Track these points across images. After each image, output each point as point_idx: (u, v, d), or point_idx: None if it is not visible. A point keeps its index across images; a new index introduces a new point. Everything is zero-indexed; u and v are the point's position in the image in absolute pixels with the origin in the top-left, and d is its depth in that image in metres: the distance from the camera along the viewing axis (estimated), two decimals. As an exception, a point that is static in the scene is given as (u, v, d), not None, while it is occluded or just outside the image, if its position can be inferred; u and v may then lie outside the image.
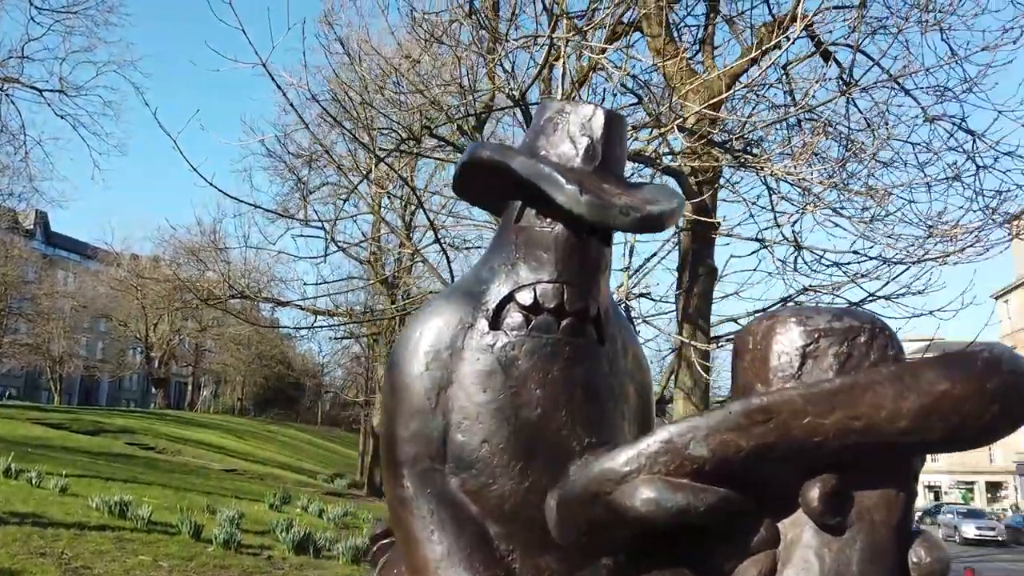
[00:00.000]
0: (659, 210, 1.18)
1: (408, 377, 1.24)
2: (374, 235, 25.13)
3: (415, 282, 24.63)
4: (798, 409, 0.84)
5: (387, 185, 16.58)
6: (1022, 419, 0.85)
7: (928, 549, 0.91)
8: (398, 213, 23.47)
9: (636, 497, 0.88)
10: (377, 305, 28.21)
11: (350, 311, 27.59)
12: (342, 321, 28.81)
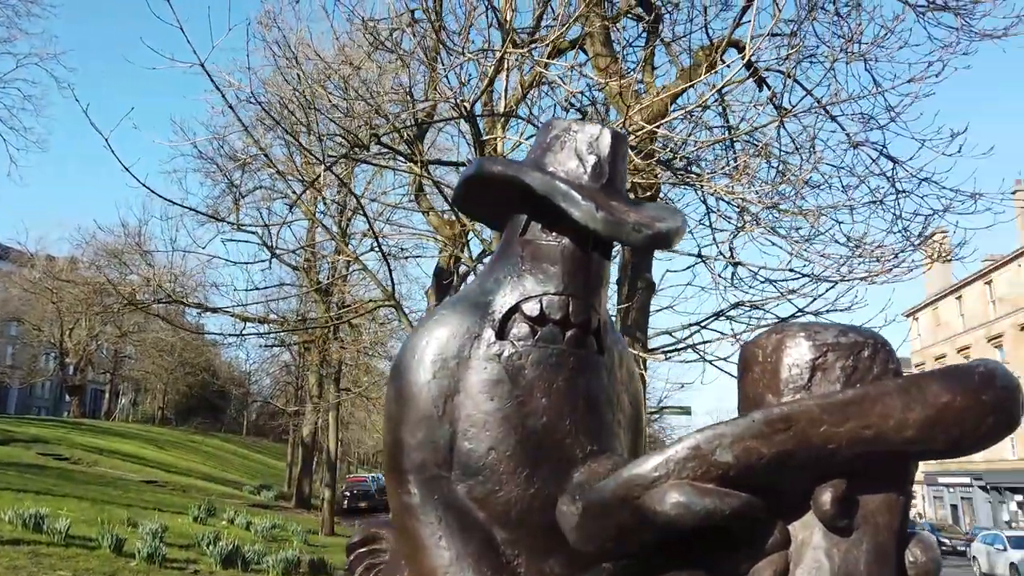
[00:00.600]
0: (667, 228, 1.23)
1: (415, 386, 1.25)
2: (309, 241, 24.70)
3: (351, 290, 24.29)
4: (815, 418, 0.91)
5: (324, 191, 16.33)
6: (1012, 429, 0.93)
7: (923, 550, 0.98)
8: (334, 219, 23.13)
9: (665, 501, 0.92)
10: (310, 313, 27.69)
11: (282, 319, 26.98)
12: (274, 329, 28.10)
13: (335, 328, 23.42)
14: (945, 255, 10.33)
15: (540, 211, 1.28)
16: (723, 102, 9.53)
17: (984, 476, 43.08)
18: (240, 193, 23.40)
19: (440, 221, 16.19)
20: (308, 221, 25.11)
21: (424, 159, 8.84)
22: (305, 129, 9.87)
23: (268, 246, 23.58)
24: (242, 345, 53.60)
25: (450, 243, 14.24)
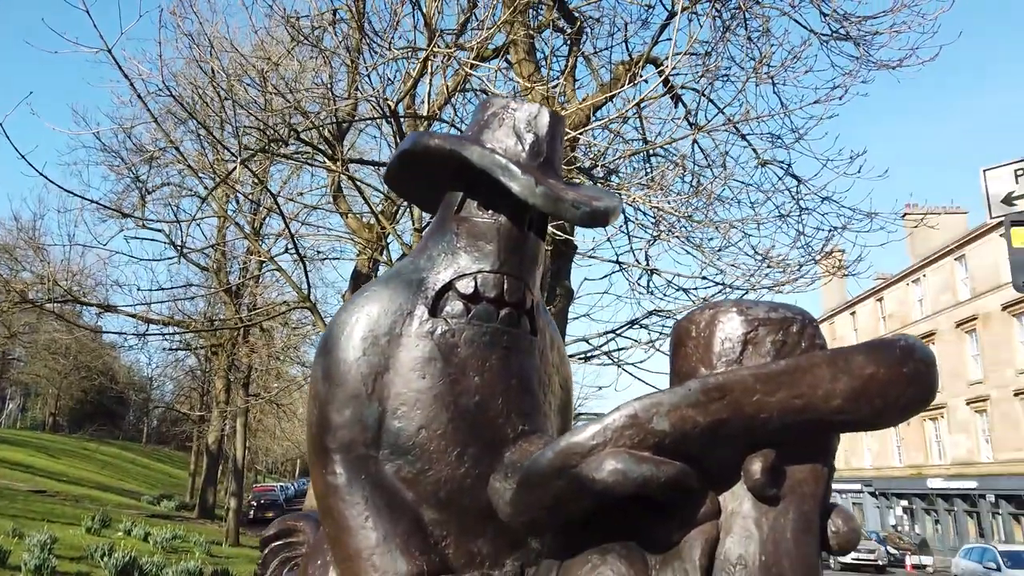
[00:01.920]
0: (605, 206, 1.24)
1: (343, 363, 1.20)
2: (219, 240, 23.85)
3: (263, 292, 23.56)
4: (749, 387, 0.93)
5: (237, 187, 15.81)
6: (928, 401, 0.99)
7: (844, 520, 1.02)
8: (247, 218, 22.44)
9: (603, 468, 0.92)
10: (218, 315, 26.69)
11: (188, 320, 25.90)
12: (179, 330, 26.94)
13: (245, 331, 22.66)
14: (842, 270, 10.91)
15: (476, 187, 1.27)
16: (641, 116, 9.78)
17: (874, 483, 45.54)
18: (147, 189, 22.40)
19: (359, 224, 15.94)
20: (218, 220, 24.27)
21: (345, 158, 8.69)
22: (219, 123, 9.55)
23: (175, 244, 22.65)
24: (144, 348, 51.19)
25: (369, 246, 14.03)
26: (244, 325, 17.80)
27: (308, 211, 17.65)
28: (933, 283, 39.97)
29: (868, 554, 30.56)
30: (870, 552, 30.64)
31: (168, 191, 24.67)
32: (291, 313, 15.98)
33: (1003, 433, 34.26)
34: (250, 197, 12.79)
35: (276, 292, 25.39)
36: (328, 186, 17.73)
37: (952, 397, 37.91)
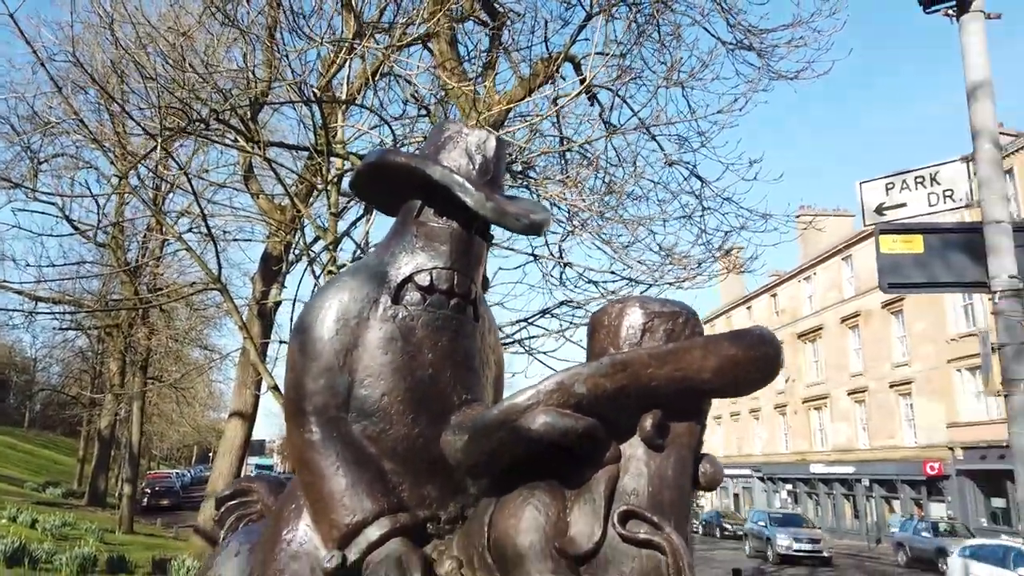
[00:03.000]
0: (539, 219, 1.51)
1: (319, 341, 1.42)
2: (118, 216, 22.84)
3: (164, 272, 22.71)
4: (645, 363, 1.21)
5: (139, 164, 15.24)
6: (773, 376, 1.29)
7: (711, 464, 1.32)
8: (148, 195, 21.58)
9: (536, 421, 1.18)
10: (114, 294, 25.55)
11: (79, 300, 24.69)
12: (71, 310, 25.64)
13: (144, 312, 21.85)
14: (739, 267, 11.65)
15: (434, 198, 1.51)
16: (558, 113, 10.13)
17: (762, 468, 48.18)
18: (39, 159, 21.21)
19: (270, 205, 15.65)
20: (117, 196, 23.22)
21: (264, 140, 8.64)
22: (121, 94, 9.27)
23: (70, 219, 21.53)
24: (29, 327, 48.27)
25: (281, 228, 13.85)
26: (148, 306, 17.21)
27: (212, 190, 17.19)
28: (822, 281, 42.52)
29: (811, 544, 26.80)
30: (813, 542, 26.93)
31: (63, 162, 23.39)
32: (194, 295, 15.56)
33: (879, 422, 36.99)
34: (162, 176, 12.40)
35: (177, 272, 24.54)
36: (238, 165, 17.30)
37: (835, 388, 40.58)
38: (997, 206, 4.58)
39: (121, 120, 11.86)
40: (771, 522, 29.21)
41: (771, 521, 29.40)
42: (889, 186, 5.17)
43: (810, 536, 27.36)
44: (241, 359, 16.48)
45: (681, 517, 1.22)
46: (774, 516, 30.64)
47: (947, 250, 4.75)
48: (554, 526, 1.22)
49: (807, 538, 27.07)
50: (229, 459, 16.11)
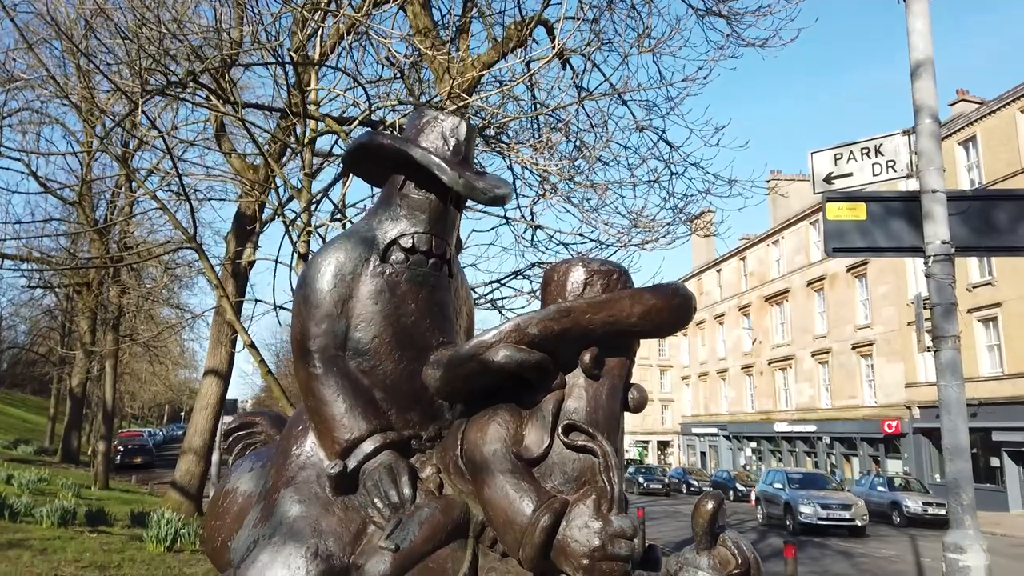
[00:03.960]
0: (503, 192, 1.79)
1: (320, 292, 1.70)
2: (86, 174, 22.56)
3: (134, 229, 22.55)
4: (584, 310, 1.49)
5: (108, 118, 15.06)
6: (686, 322, 1.59)
7: (638, 391, 1.63)
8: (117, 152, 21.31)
9: (498, 354, 1.47)
10: (82, 252, 25.32)
11: (48, 257, 24.46)
12: (39, 267, 25.37)
13: (115, 270, 21.74)
14: (708, 231, 12.01)
15: (415, 174, 1.78)
16: (531, 78, 10.30)
17: (728, 427, 49.52)
18: (2, 113, 20.81)
19: (243, 164, 15.65)
20: (85, 155, 22.89)
21: (240, 101, 8.73)
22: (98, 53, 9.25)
23: (37, 175, 21.21)
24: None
25: (254, 187, 13.90)
26: (121, 264, 17.18)
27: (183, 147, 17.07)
28: (790, 245, 43.32)
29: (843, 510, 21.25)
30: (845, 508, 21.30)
31: (28, 117, 22.97)
32: (167, 254, 15.59)
33: (840, 382, 38.17)
34: (137, 135, 12.36)
35: (147, 231, 24.39)
36: (209, 123, 17.19)
37: (800, 349, 41.67)
38: (934, 176, 4.93)
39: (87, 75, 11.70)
40: (790, 484, 23.49)
41: (790, 482, 23.60)
42: (837, 156, 5.51)
43: (842, 501, 21.57)
44: (216, 318, 16.62)
45: (612, 431, 1.52)
46: (793, 477, 24.50)
47: (888, 217, 5.11)
48: (512, 437, 1.52)
49: (838, 504, 21.34)
50: (205, 415, 16.35)
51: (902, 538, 22.04)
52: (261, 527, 1.60)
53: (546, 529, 1.40)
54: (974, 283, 30.06)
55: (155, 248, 16.47)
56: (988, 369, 29.86)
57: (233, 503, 1.81)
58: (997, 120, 29.60)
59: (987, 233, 5.06)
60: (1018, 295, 27.88)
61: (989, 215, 5.08)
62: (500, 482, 1.46)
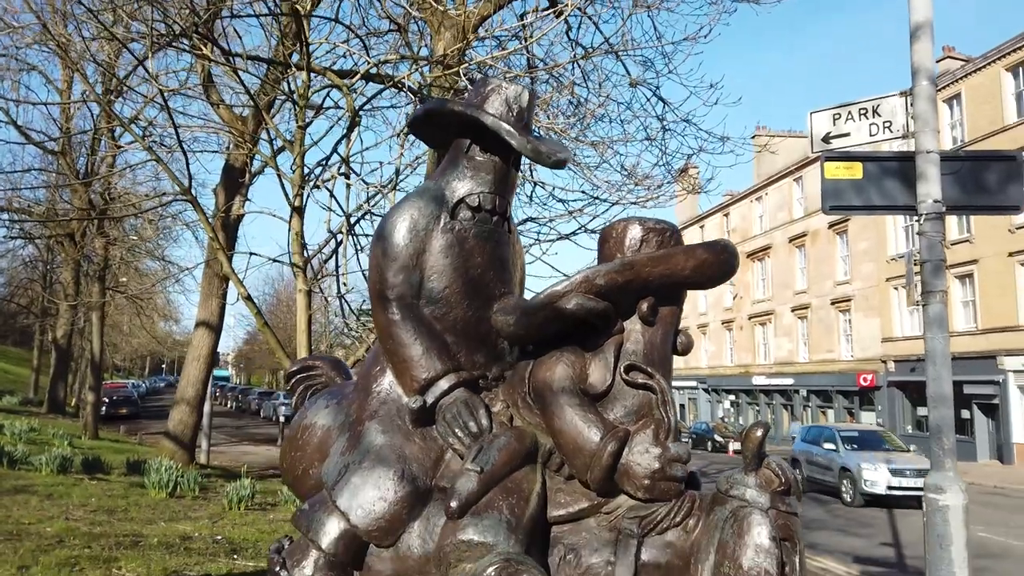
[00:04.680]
0: (564, 156, 1.94)
1: (397, 246, 1.87)
2: (68, 124, 22.18)
3: (118, 180, 22.27)
4: (644, 263, 1.66)
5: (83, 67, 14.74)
6: (731, 273, 1.78)
7: (685, 336, 1.82)
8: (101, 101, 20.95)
9: (571, 302, 1.64)
10: (61, 203, 25.00)
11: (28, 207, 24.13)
12: (19, 218, 25.03)
13: (99, 222, 21.54)
14: (697, 188, 12.18)
15: (481, 138, 1.93)
16: (525, 30, 10.28)
17: (707, 380, 50.48)
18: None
19: (232, 116, 15.48)
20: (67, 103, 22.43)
21: (238, 53, 8.69)
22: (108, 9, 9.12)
23: (18, 124, 20.82)
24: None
25: (244, 139, 13.81)
26: (108, 216, 17.07)
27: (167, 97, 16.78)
28: (773, 201, 43.63)
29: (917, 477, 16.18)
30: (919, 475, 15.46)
31: (5, 63, 22.41)
32: (161, 206, 15.51)
33: (818, 337, 38.94)
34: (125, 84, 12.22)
35: (130, 181, 24.09)
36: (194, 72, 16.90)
37: (780, 305, 42.35)
38: (928, 138, 5.11)
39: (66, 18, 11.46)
40: (845, 444, 19.32)
41: (844, 442, 19.44)
42: (836, 116, 5.67)
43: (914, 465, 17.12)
44: (206, 270, 16.64)
45: (665, 370, 1.72)
46: (846, 435, 20.05)
47: (883, 177, 5.30)
48: (579, 376, 1.71)
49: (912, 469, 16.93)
50: (197, 366, 16.50)
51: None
52: (349, 455, 1.79)
53: (613, 454, 1.59)
54: (953, 240, 30.59)
55: (146, 200, 16.32)
56: (963, 325, 30.60)
57: (312, 436, 1.98)
58: (982, 78, 29.78)
59: (977, 193, 5.27)
60: (994, 252, 28.47)
61: (980, 175, 5.29)
62: (569, 414, 1.65)
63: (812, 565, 11.54)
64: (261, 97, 13.13)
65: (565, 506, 1.70)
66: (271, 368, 75.35)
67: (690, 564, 1.57)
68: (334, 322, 30.11)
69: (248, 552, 6.34)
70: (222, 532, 7.37)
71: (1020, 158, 5.33)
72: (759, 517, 1.49)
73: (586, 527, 1.67)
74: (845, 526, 15.24)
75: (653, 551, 1.60)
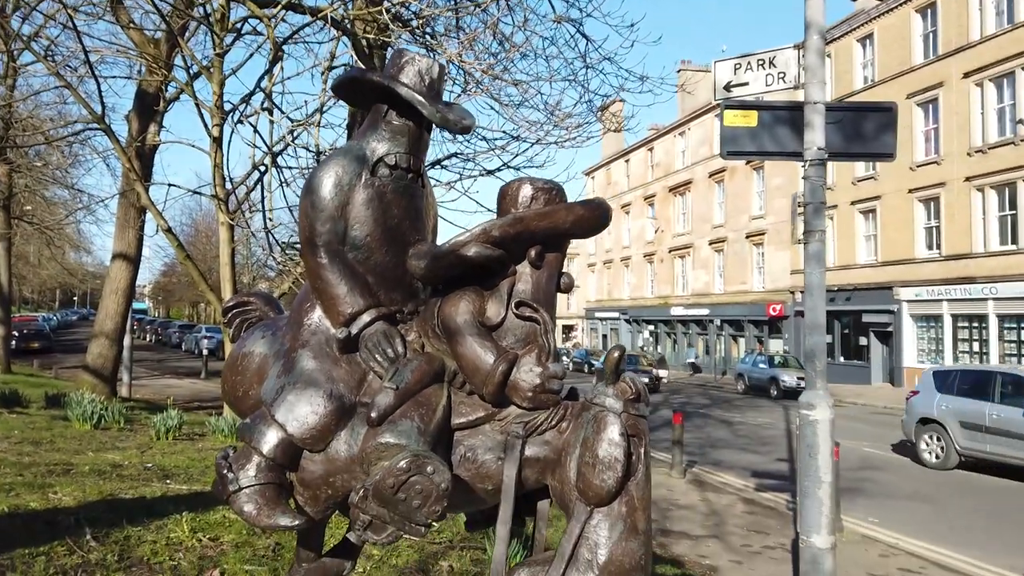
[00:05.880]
0: (469, 123, 2.23)
1: (324, 199, 2.13)
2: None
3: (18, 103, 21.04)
4: (532, 218, 2.00)
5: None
6: (604, 226, 2.13)
7: (567, 277, 2.18)
8: None
9: (470, 249, 1.97)
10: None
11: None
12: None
13: (2, 148, 20.43)
14: (619, 126, 12.53)
15: (397, 105, 2.19)
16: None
17: (628, 311, 52.15)
18: None
19: (143, 39, 14.81)
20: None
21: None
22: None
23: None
24: None
25: (157, 63, 13.32)
26: (16, 146, 16.23)
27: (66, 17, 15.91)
28: (695, 136, 44.55)
29: None
30: None
31: None
32: (75, 135, 14.87)
33: (733, 269, 40.65)
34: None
35: (32, 104, 22.79)
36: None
37: (699, 238, 43.84)
38: (816, 89, 5.57)
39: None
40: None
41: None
42: (737, 66, 6.06)
43: None
44: (122, 201, 16.17)
45: (549, 306, 2.08)
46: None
47: (775, 125, 5.76)
48: (478, 310, 2.05)
49: None
50: (115, 299, 16.20)
51: (776, 408, 24.56)
52: (285, 377, 2.09)
53: (504, 372, 1.96)
54: (859, 177, 32.16)
55: (58, 128, 15.59)
56: (864, 257, 32.50)
57: (251, 362, 2.27)
58: (893, 19, 30.82)
59: (856, 140, 5.80)
60: (895, 189, 30.12)
61: (859, 124, 5.81)
62: (470, 342, 2.00)
63: (714, 479, 12.59)
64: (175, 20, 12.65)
65: (466, 415, 2.07)
66: (191, 301, 73.50)
67: (562, 457, 1.98)
68: (256, 254, 29.57)
69: (180, 477, 6.60)
70: (152, 460, 7.57)
71: (895, 108, 5.87)
72: (613, 418, 1.90)
73: (482, 431, 2.05)
74: (746, 445, 16.47)
75: (534, 448, 2.00)
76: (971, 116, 27.19)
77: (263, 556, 4.35)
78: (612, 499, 1.89)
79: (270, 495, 2.03)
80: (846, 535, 8.67)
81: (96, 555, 3.98)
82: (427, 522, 1.86)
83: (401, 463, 1.79)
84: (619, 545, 1.88)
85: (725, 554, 8.10)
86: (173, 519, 4.79)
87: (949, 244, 28.05)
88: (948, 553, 8.32)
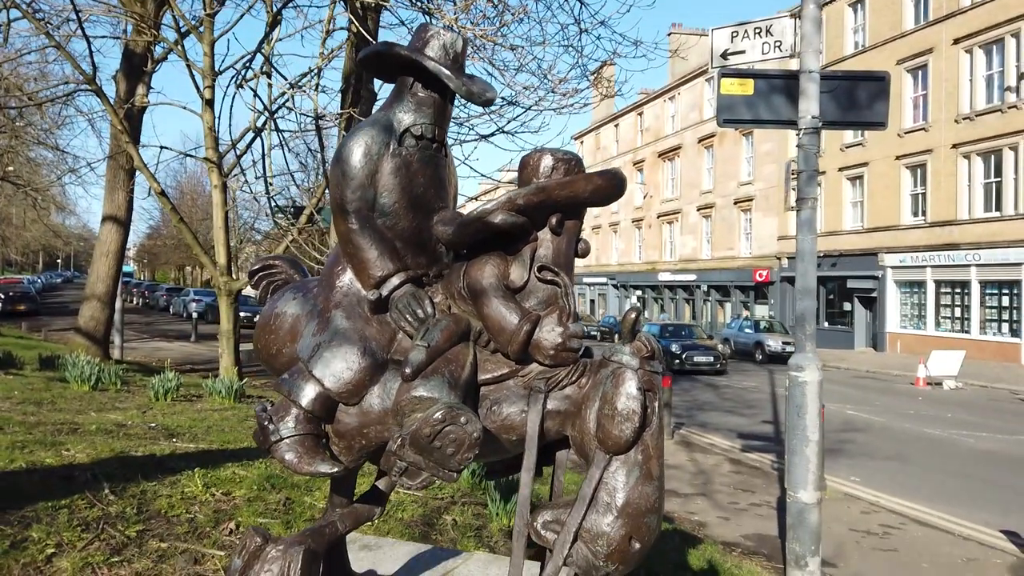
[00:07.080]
0: (492, 95, 2.33)
1: (354, 168, 2.24)
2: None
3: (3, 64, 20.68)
4: (553, 188, 2.11)
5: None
6: (620, 195, 2.25)
7: (583, 243, 2.31)
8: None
9: (496, 216, 2.09)
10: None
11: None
12: None
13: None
14: (610, 92, 12.55)
15: (423, 78, 2.29)
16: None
17: (616, 277, 52.42)
18: None
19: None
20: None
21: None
22: None
23: None
24: None
25: (145, 24, 13.15)
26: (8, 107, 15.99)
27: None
28: (685, 101, 44.40)
29: None
30: None
31: None
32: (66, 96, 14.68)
33: (721, 235, 40.89)
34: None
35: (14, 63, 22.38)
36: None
37: (687, 204, 43.97)
38: (811, 58, 5.67)
39: None
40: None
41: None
42: (734, 34, 6.14)
43: None
44: (111, 163, 16.05)
45: (568, 270, 2.21)
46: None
47: (771, 93, 5.86)
48: (502, 274, 2.18)
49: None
50: (107, 262, 16.18)
51: (762, 372, 24.98)
52: (320, 335, 2.21)
53: (527, 332, 2.09)
54: (847, 143, 32.29)
55: (47, 88, 15.37)
56: (851, 224, 32.81)
57: (284, 322, 2.39)
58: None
59: (850, 109, 5.91)
60: (883, 155, 30.30)
61: (853, 93, 5.92)
62: (495, 303, 2.12)
63: (701, 441, 12.92)
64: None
65: (491, 371, 2.21)
66: (177, 264, 73.04)
67: (581, 409, 2.13)
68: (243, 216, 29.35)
69: (186, 436, 6.74)
70: (155, 420, 7.71)
71: (888, 77, 5.98)
72: (630, 374, 2.04)
73: (506, 387, 2.19)
74: (733, 408, 16.83)
75: (555, 402, 2.14)
76: (960, 83, 27.31)
77: (275, 510, 4.52)
78: (629, 448, 2.05)
79: (309, 444, 2.17)
80: (829, 493, 8.99)
81: (115, 508, 4.14)
82: (460, 468, 2.02)
83: (437, 414, 1.93)
84: (635, 489, 2.04)
85: (713, 511, 8.40)
86: (186, 475, 4.94)
87: (934, 211, 28.36)
88: (925, 510, 8.66)
